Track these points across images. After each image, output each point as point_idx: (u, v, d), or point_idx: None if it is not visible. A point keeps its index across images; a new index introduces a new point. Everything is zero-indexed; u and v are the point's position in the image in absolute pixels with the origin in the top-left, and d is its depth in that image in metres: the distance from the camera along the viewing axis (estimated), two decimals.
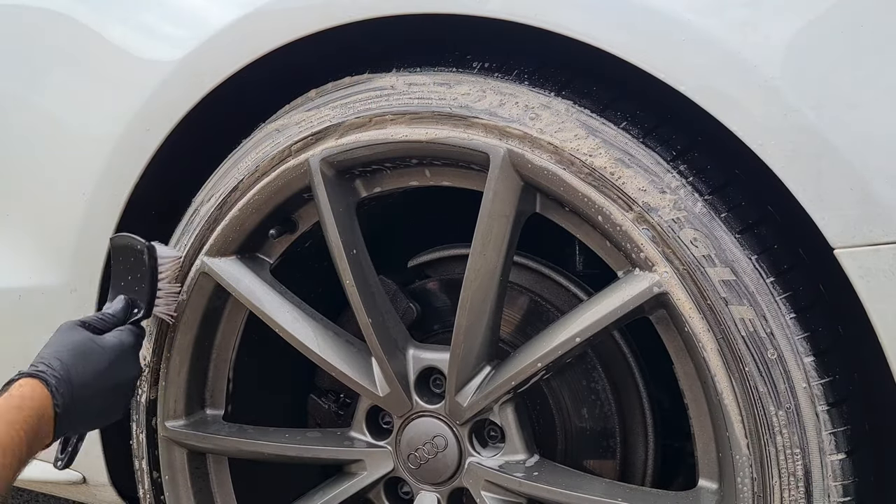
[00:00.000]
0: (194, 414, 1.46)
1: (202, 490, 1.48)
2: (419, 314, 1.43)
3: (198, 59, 1.31)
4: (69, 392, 1.18)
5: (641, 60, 1.03)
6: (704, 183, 1.07)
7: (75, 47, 1.45)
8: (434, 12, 1.14)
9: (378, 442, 1.34)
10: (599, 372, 1.35)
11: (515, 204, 1.16)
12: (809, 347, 1.02)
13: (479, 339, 1.21)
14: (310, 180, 1.27)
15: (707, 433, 1.13)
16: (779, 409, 1.03)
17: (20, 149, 1.50)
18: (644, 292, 1.09)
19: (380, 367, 1.29)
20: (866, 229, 0.95)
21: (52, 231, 1.47)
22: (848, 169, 0.95)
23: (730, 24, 1.00)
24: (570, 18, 1.06)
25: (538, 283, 1.41)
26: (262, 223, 1.35)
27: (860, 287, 0.96)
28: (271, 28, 1.24)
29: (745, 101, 0.99)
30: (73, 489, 1.61)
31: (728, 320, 1.04)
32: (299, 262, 1.43)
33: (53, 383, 1.17)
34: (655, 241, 1.07)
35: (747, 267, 1.04)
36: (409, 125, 1.20)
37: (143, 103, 1.35)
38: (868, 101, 0.94)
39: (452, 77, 1.19)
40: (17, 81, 1.51)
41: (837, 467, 1.03)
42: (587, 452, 1.36)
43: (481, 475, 1.25)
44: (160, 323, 1.41)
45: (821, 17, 0.96)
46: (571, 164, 1.11)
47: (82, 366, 1.21)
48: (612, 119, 1.11)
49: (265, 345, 1.47)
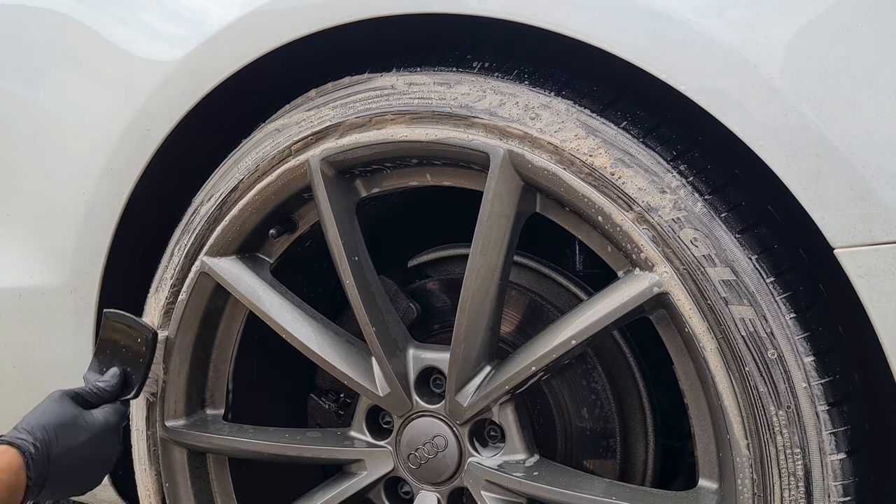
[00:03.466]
0: (194, 414, 1.45)
1: (202, 490, 1.48)
2: (419, 314, 1.43)
3: (198, 58, 1.31)
4: (45, 464, 1.21)
5: (642, 61, 1.03)
6: (704, 183, 1.07)
7: (75, 47, 1.45)
8: (434, 12, 1.14)
9: (378, 442, 1.34)
10: (599, 372, 1.35)
11: (515, 204, 1.16)
12: (809, 347, 1.02)
13: (479, 339, 1.21)
14: (310, 180, 1.27)
15: (707, 433, 1.13)
16: (779, 409, 1.03)
17: (20, 149, 1.50)
18: (644, 292, 1.09)
19: (380, 366, 1.29)
20: (866, 229, 0.95)
21: (53, 231, 1.47)
22: (848, 169, 0.95)
23: (730, 24, 1.00)
24: (570, 19, 1.06)
25: (538, 283, 1.41)
26: (262, 223, 1.35)
27: (860, 287, 0.96)
28: (271, 28, 1.24)
29: (746, 101, 0.99)
30: None
31: (728, 320, 1.04)
32: (299, 262, 1.43)
33: (31, 453, 1.19)
34: (655, 240, 1.07)
35: (747, 267, 1.04)
36: (410, 125, 1.20)
37: (143, 103, 1.35)
38: (868, 101, 0.94)
39: (452, 77, 1.19)
40: (17, 81, 1.51)
41: (837, 467, 1.03)
42: (587, 452, 1.36)
43: (481, 475, 1.25)
44: (160, 323, 1.41)
45: (821, 17, 0.96)
46: (571, 164, 1.11)
47: (64, 440, 1.24)
48: (612, 119, 1.11)
49: (265, 345, 1.47)
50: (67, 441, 1.24)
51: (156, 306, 1.42)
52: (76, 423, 1.27)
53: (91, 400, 1.32)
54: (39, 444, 1.21)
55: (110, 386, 1.33)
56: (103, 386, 1.33)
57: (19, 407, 1.32)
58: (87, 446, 1.27)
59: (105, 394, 1.33)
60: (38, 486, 1.20)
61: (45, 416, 1.25)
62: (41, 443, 1.21)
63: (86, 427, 1.27)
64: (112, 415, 1.32)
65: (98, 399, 1.32)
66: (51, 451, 1.22)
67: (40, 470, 1.20)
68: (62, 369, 1.49)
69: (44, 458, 1.21)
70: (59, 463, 1.23)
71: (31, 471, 1.19)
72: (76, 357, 1.46)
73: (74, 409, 1.28)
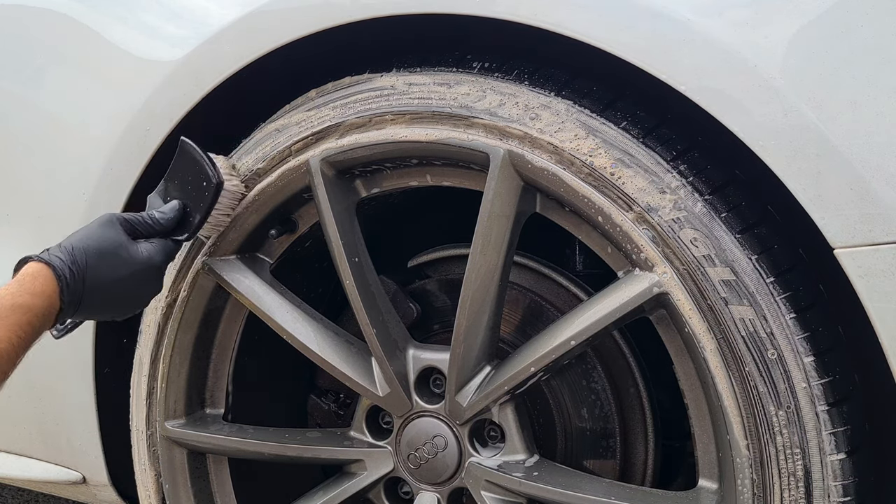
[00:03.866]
0: (194, 414, 1.45)
1: (202, 490, 1.48)
2: (419, 314, 1.43)
3: (198, 58, 1.31)
4: (79, 291, 1.15)
5: (642, 61, 1.03)
6: (704, 183, 1.07)
7: (75, 47, 1.45)
8: (434, 12, 1.14)
9: (378, 442, 1.34)
10: (599, 372, 1.35)
11: (515, 204, 1.16)
12: (809, 347, 1.02)
13: (479, 339, 1.21)
14: (310, 180, 1.27)
15: (707, 433, 1.13)
16: (779, 410, 1.03)
17: (20, 149, 1.50)
18: (644, 292, 1.09)
19: (380, 367, 1.29)
20: (866, 229, 0.95)
21: (53, 231, 1.47)
22: (848, 169, 0.95)
23: (730, 24, 1.00)
24: (570, 19, 1.06)
25: (538, 283, 1.41)
26: (262, 223, 1.35)
27: (860, 287, 0.96)
28: (271, 28, 1.24)
29: (745, 102, 0.99)
30: (73, 489, 1.61)
31: (728, 320, 1.04)
32: (299, 262, 1.43)
33: (66, 278, 1.13)
34: (655, 241, 1.07)
35: (747, 267, 1.04)
36: (410, 125, 1.20)
37: (143, 103, 1.35)
38: (868, 101, 0.94)
39: (452, 77, 1.19)
40: (17, 81, 1.51)
41: (837, 467, 1.03)
42: (587, 452, 1.36)
43: (481, 475, 1.25)
44: (160, 323, 1.41)
45: (821, 17, 0.96)
46: (571, 164, 1.11)
47: (103, 270, 1.17)
48: (612, 119, 1.11)
49: (265, 345, 1.47)
50: (106, 272, 1.17)
51: (155, 306, 1.42)
52: (119, 253, 1.19)
53: (141, 230, 1.23)
54: (76, 269, 1.14)
55: (166, 220, 1.24)
56: (158, 217, 1.24)
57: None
58: (125, 281, 1.19)
59: (158, 226, 1.23)
60: (68, 312, 1.15)
61: (89, 239, 1.18)
62: (78, 268, 1.14)
63: (128, 260, 1.19)
64: (159, 252, 1.23)
65: (149, 230, 1.23)
66: (87, 278, 1.15)
67: (74, 297, 1.14)
68: (62, 370, 1.49)
69: (79, 285, 1.14)
70: (94, 293, 1.16)
71: (64, 296, 1.13)
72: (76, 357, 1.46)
73: (121, 238, 1.20)
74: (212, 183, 1.24)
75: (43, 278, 1.13)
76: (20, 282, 1.12)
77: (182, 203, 1.26)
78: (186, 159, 1.27)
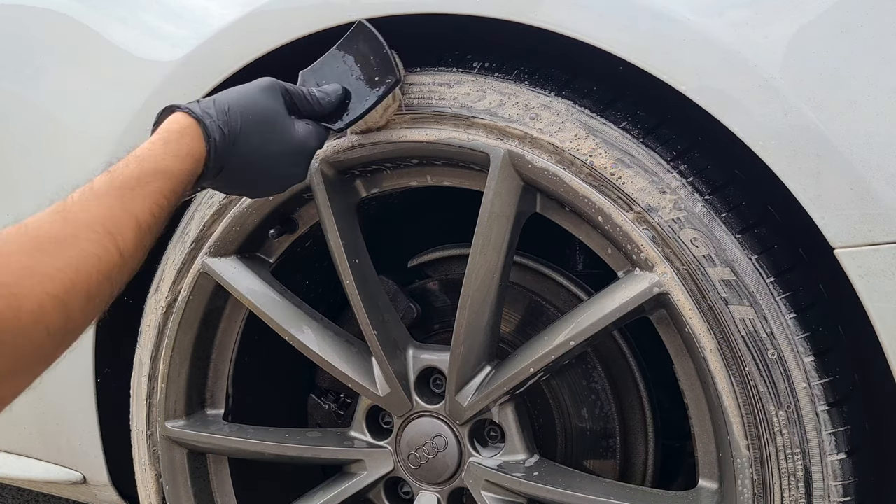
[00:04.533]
0: (194, 414, 1.45)
1: (202, 490, 1.48)
2: (419, 314, 1.43)
3: (198, 58, 1.31)
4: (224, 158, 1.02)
5: (642, 61, 1.03)
6: (704, 183, 1.07)
7: (75, 47, 1.45)
8: (434, 13, 1.14)
9: (378, 442, 1.34)
10: (599, 372, 1.35)
11: (515, 204, 1.16)
12: (809, 347, 1.02)
13: (479, 339, 1.21)
14: (310, 180, 1.27)
15: (707, 433, 1.13)
16: (779, 410, 1.03)
17: (20, 149, 1.50)
18: (644, 292, 1.09)
19: (380, 367, 1.29)
20: (866, 229, 0.95)
21: None
22: (848, 169, 0.95)
23: (730, 24, 1.00)
24: (570, 19, 1.06)
25: (538, 283, 1.41)
26: (262, 223, 1.35)
27: (860, 287, 0.96)
28: (271, 28, 1.24)
29: (746, 102, 0.99)
30: (73, 489, 1.61)
31: (728, 320, 1.04)
32: (299, 262, 1.43)
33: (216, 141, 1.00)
34: (655, 241, 1.07)
35: (747, 267, 1.04)
36: (410, 125, 1.20)
37: (144, 103, 1.35)
38: (868, 101, 0.94)
39: (452, 77, 1.19)
40: (17, 81, 1.51)
41: (837, 467, 1.03)
42: (587, 452, 1.36)
43: (481, 475, 1.25)
44: (160, 323, 1.41)
45: (821, 17, 0.96)
46: (571, 164, 1.11)
47: (255, 139, 1.04)
48: (613, 119, 1.11)
49: (265, 345, 1.47)
50: (258, 143, 1.04)
51: (156, 306, 1.42)
52: (275, 127, 1.06)
53: (300, 105, 1.11)
54: (229, 132, 1.02)
55: (327, 101, 1.12)
56: (319, 97, 1.12)
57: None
58: (276, 158, 1.07)
59: (318, 106, 1.11)
60: (206, 179, 1.03)
61: (247, 101, 1.04)
62: (231, 132, 1.02)
63: (284, 136, 1.07)
64: (313, 137, 1.11)
65: (307, 108, 1.11)
66: (236, 146, 1.02)
67: (218, 164, 1.02)
68: (63, 370, 1.49)
69: (226, 151, 1.02)
70: (239, 163, 1.04)
71: (210, 161, 1.00)
72: (76, 357, 1.46)
73: (281, 109, 1.08)
74: (393, 77, 1.14)
75: (190, 137, 0.99)
76: (165, 140, 0.98)
77: (345, 88, 1.15)
78: (360, 45, 1.15)
